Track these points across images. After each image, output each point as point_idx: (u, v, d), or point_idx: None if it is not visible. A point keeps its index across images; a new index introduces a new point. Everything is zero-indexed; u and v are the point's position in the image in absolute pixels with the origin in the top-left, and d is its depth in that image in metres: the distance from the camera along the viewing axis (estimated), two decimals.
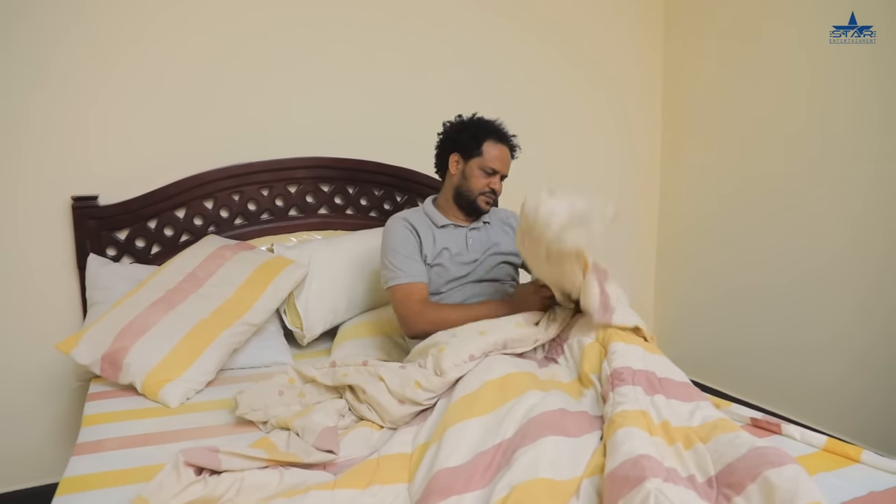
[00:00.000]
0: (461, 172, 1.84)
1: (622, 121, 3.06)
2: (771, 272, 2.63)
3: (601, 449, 1.16)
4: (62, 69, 2.04)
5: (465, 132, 1.83)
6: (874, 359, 2.28)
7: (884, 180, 2.21)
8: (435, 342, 1.54)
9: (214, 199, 2.23)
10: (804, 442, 1.38)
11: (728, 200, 2.83)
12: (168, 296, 1.86)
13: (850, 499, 1.13)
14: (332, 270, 2.13)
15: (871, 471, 1.24)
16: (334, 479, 1.19)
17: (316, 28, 2.36)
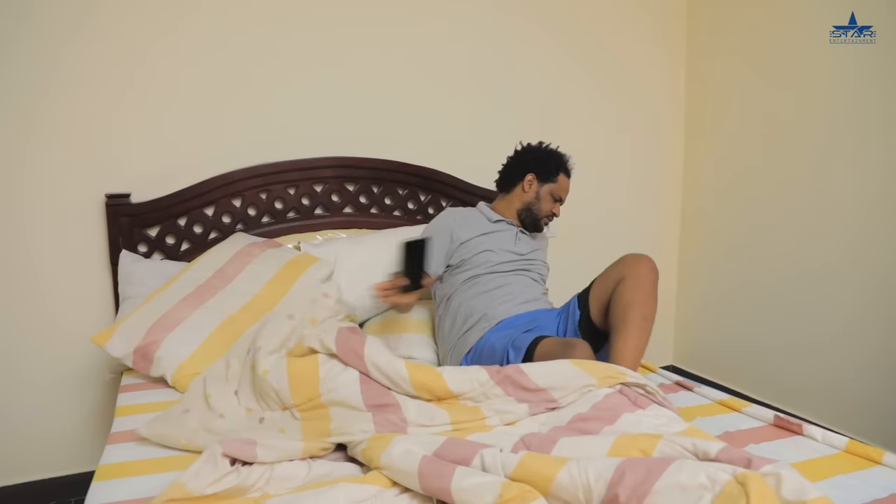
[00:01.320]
0: (535, 192, 2.07)
1: (647, 119, 3.06)
2: (786, 268, 2.63)
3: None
4: (95, 70, 2.10)
5: (548, 160, 2.06)
6: (888, 356, 2.26)
7: (893, 177, 2.21)
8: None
9: (242, 198, 2.28)
10: (825, 443, 1.39)
11: (747, 198, 2.82)
12: (198, 292, 1.91)
13: (870, 500, 1.14)
14: (357, 268, 2.16)
15: (893, 472, 1.25)
16: (362, 473, 1.22)
17: (341, 29, 2.40)
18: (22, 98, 2.02)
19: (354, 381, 1.42)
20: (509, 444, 1.21)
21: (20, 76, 2.02)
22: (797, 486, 0.92)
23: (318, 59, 2.38)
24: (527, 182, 2.07)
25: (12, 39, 2.00)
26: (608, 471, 0.97)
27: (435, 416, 1.35)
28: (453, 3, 2.58)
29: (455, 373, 1.43)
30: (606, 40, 2.92)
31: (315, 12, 2.36)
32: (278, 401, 1.43)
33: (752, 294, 2.83)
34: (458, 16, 2.59)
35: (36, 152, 2.06)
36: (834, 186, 2.45)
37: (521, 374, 1.39)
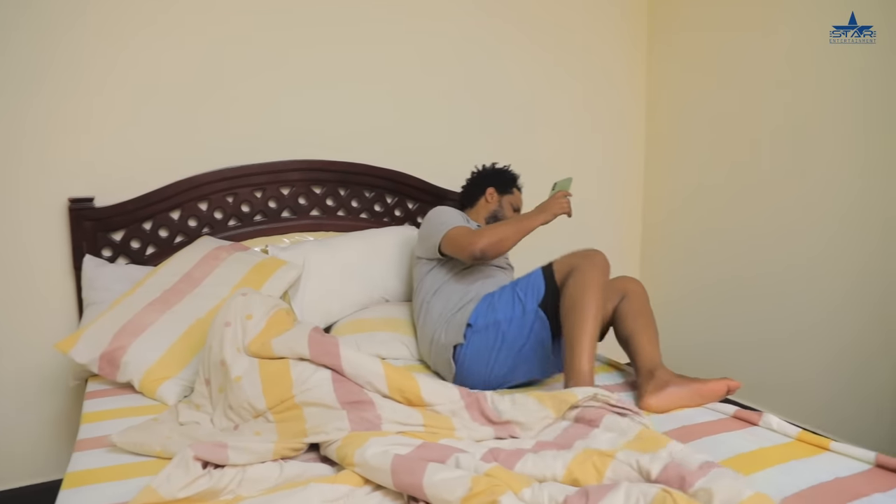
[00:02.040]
0: (497, 202, 2.27)
1: (608, 115, 3.13)
2: (753, 267, 2.71)
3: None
4: (58, 72, 2.07)
5: (505, 175, 2.31)
6: (854, 355, 2.36)
7: (869, 180, 2.28)
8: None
9: (209, 201, 2.28)
10: (780, 432, 1.46)
11: (712, 196, 2.90)
12: (165, 296, 1.90)
13: (816, 483, 1.21)
14: (326, 271, 2.18)
15: (839, 458, 1.33)
16: (334, 472, 1.24)
17: (308, 30, 2.41)
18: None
19: (327, 381, 1.45)
20: (479, 452, 1.25)
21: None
22: (730, 492, 1.00)
23: (286, 62, 2.39)
24: (489, 194, 2.26)
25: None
26: (560, 495, 1.05)
27: (409, 416, 1.38)
28: (422, 7, 2.60)
29: (430, 383, 1.47)
30: (573, 42, 2.98)
31: (284, 14, 2.37)
32: (251, 409, 1.45)
33: (714, 293, 2.92)
34: (428, 19, 2.62)
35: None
36: (796, 188, 2.54)
37: (486, 404, 1.43)
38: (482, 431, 1.36)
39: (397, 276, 2.31)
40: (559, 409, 1.41)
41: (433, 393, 1.43)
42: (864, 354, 2.32)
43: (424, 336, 1.97)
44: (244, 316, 1.61)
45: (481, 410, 1.42)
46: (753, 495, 1.00)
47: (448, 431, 1.34)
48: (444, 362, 1.87)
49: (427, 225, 2.06)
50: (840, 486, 1.21)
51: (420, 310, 2.02)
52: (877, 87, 2.23)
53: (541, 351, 1.79)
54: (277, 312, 1.67)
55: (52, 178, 2.09)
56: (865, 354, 2.31)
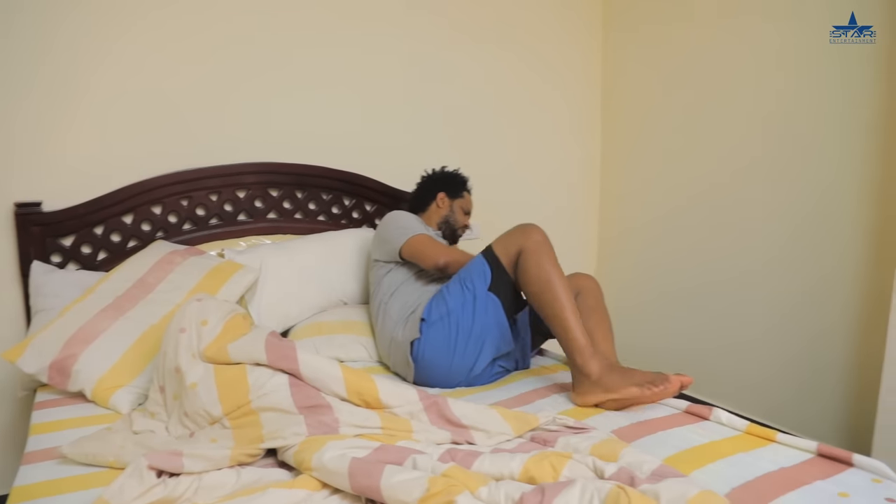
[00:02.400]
0: (449, 206, 2.31)
1: (564, 113, 3.18)
2: (709, 268, 2.79)
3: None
4: (4, 74, 2.01)
5: (455, 180, 2.34)
6: (803, 358, 2.45)
7: (816, 189, 2.37)
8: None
9: (163, 205, 2.23)
10: (729, 426, 1.51)
11: (668, 204, 2.97)
12: (117, 302, 1.86)
13: (762, 473, 1.26)
14: (283, 275, 2.17)
15: (784, 449, 1.38)
16: (292, 477, 1.24)
17: (263, 37, 2.39)
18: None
19: (284, 386, 1.44)
20: (437, 453, 1.25)
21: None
22: (677, 492, 1.03)
23: (239, 64, 2.36)
24: (439, 199, 2.30)
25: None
26: (516, 492, 1.06)
27: (367, 419, 1.38)
28: (375, 10, 2.60)
29: (389, 385, 1.47)
30: (526, 41, 3.02)
31: (238, 17, 2.34)
32: (207, 416, 1.43)
33: (670, 299, 2.99)
34: (382, 22, 2.62)
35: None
36: (747, 193, 2.61)
37: (448, 407, 1.43)
38: (440, 434, 1.37)
39: (356, 278, 2.31)
40: (519, 429, 1.42)
41: (391, 395, 1.43)
42: (815, 354, 2.41)
43: (383, 337, 1.97)
44: (199, 321, 1.59)
45: (440, 413, 1.42)
46: (699, 493, 1.03)
47: (406, 434, 1.34)
48: (403, 360, 1.88)
49: (386, 228, 2.08)
50: (785, 475, 1.26)
51: (378, 311, 2.02)
52: (864, 87, 2.25)
53: (498, 331, 1.81)
54: (234, 317, 1.66)
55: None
56: (816, 354, 2.40)
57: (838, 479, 1.25)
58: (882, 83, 2.14)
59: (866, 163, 2.20)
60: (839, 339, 2.31)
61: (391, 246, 2.03)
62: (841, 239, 2.29)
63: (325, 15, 2.51)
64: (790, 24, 2.40)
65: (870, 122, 2.17)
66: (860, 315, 2.24)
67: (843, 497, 1.19)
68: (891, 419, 1.94)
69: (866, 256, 2.22)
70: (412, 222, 2.07)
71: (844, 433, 2.31)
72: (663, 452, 1.35)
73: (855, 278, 2.25)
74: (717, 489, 1.18)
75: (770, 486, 1.21)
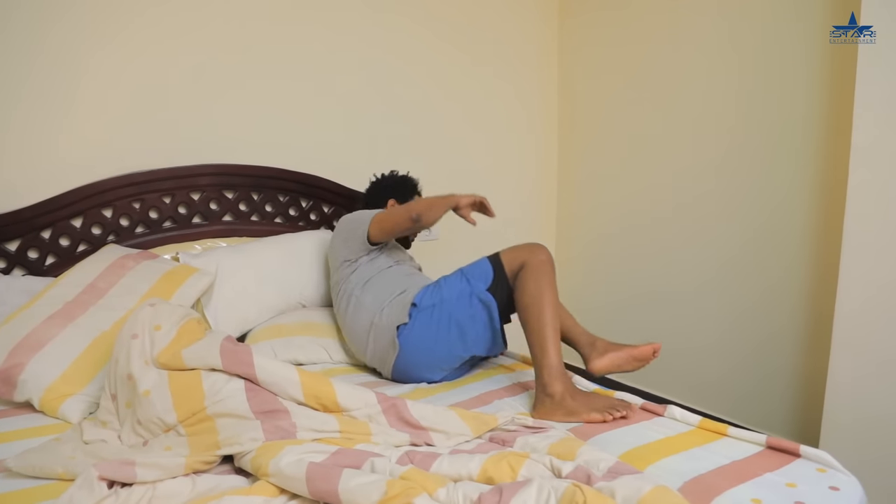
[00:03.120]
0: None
1: (520, 118, 3.21)
2: (669, 277, 2.85)
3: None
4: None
5: (405, 185, 2.32)
6: (757, 357, 2.53)
7: (768, 196, 2.44)
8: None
9: (114, 208, 2.18)
10: (683, 421, 1.55)
11: (625, 204, 3.02)
12: (66, 309, 1.81)
13: (714, 467, 1.30)
14: (240, 278, 2.14)
15: (736, 442, 1.42)
16: (249, 484, 1.22)
17: (216, 32, 2.35)
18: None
19: (240, 391, 1.42)
20: (395, 455, 1.25)
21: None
22: (632, 489, 1.06)
23: (193, 63, 2.31)
24: (389, 205, 2.26)
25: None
26: (474, 492, 1.08)
27: (325, 423, 1.37)
28: (328, 11, 2.58)
29: (346, 388, 1.46)
30: (482, 36, 3.04)
31: (189, 14, 2.29)
32: (161, 424, 1.40)
33: (629, 300, 3.04)
34: (336, 23, 2.60)
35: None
36: (703, 195, 2.68)
37: (406, 409, 1.43)
38: (399, 437, 1.37)
39: (314, 280, 2.29)
40: (478, 430, 1.43)
41: (349, 398, 1.42)
42: (767, 354, 2.49)
43: (357, 327, 1.95)
44: (152, 327, 1.56)
45: (399, 415, 1.42)
46: (653, 489, 1.05)
47: (364, 437, 1.34)
48: (385, 345, 1.86)
49: (344, 227, 2.07)
50: (736, 467, 1.30)
51: (346, 306, 1.99)
52: (813, 97, 2.32)
53: (487, 331, 1.82)
54: (188, 322, 1.63)
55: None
56: (769, 354, 2.48)
57: (786, 470, 1.30)
58: (820, 92, 2.22)
59: (813, 175, 2.29)
60: (788, 340, 2.40)
61: (357, 236, 2.01)
62: (790, 248, 2.38)
63: (280, 16, 2.48)
64: (748, 22, 2.47)
65: (817, 134, 2.26)
66: (808, 318, 2.33)
67: (790, 487, 1.23)
68: (836, 414, 2.02)
69: (813, 263, 2.31)
70: (365, 212, 2.07)
71: (795, 426, 2.40)
72: (619, 449, 1.38)
73: (803, 283, 2.35)
74: (671, 483, 1.21)
75: (721, 479, 1.25)
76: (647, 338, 2.94)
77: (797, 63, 2.31)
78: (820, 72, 2.23)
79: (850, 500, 1.21)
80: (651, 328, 2.93)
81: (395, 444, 1.35)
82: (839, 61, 2.15)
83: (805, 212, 2.33)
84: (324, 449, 1.22)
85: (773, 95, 2.40)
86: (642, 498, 1.04)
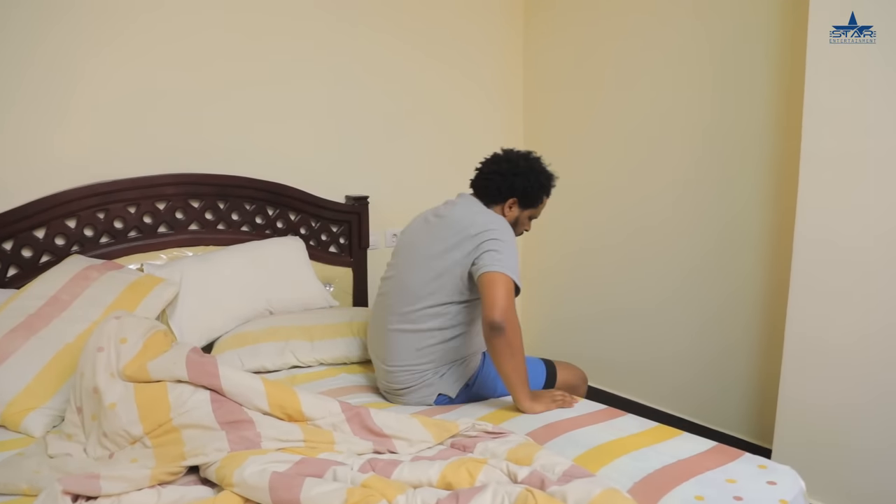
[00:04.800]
0: (515, 216, 1.94)
1: (487, 126, 3.26)
2: (632, 293, 2.94)
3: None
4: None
5: (536, 188, 1.92)
6: (719, 363, 2.63)
7: (725, 211, 2.53)
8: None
9: (78, 218, 2.17)
10: (637, 425, 1.64)
11: (591, 230, 3.09)
12: (28, 321, 1.81)
13: (661, 466, 1.38)
14: (205, 287, 2.15)
15: (683, 442, 1.51)
16: (214, 494, 1.25)
17: (180, 47, 2.35)
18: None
19: (206, 402, 1.45)
20: (357, 463, 1.30)
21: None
22: (582, 493, 1.12)
23: (159, 76, 2.32)
24: (508, 205, 1.93)
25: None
26: (432, 498, 1.13)
27: (289, 433, 1.41)
28: (297, 19, 2.61)
29: (310, 397, 1.50)
30: (451, 44, 3.08)
31: (155, 24, 2.29)
32: (127, 436, 1.42)
33: (597, 312, 3.12)
34: (297, 30, 2.62)
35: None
36: (648, 192, 2.78)
37: (370, 418, 1.48)
38: (362, 445, 1.41)
39: (281, 286, 2.31)
40: (440, 436, 1.48)
41: (314, 407, 1.46)
42: (729, 359, 2.58)
43: (424, 352, 1.81)
44: (118, 340, 1.58)
45: (363, 424, 1.47)
46: (603, 492, 1.11)
47: (328, 445, 1.38)
48: (417, 396, 1.83)
49: (496, 233, 1.76)
50: (682, 466, 1.38)
51: (433, 329, 1.81)
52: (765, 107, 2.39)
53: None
54: (154, 335, 1.65)
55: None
56: (730, 359, 2.58)
57: (728, 467, 1.38)
58: (777, 106, 2.31)
59: (766, 189, 2.38)
60: (745, 348, 2.51)
61: (485, 259, 1.70)
62: (746, 261, 2.48)
63: (244, 24, 2.49)
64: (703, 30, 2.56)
65: (771, 148, 2.35)
66: (762, 327, 2.44)
67: (730, 483, 1.31)
68: (788, 414, 2.13)
69: (768, 275, 2.41)
70: (515, 253, 1.76)
71: (752, 425, 2.50)
72: (575, 452, 1.44)
73: (758, 294, 2.45)
74: (622, 484, 1.28)
75: (668, 478, 1.32)
76: (616, 349, 3.03)
77: (753, 78, 2.38)
78: (778, 86, 2.31)
79: (787, 494, 1.29)
80: (619, 340, 3.02)
81: (359, 451, 1.39)
82: (796, 75, 2.20)
83: (759, 224, 2.42)
84: (287, 458, 1.26)
85: (729, 109, 2.47)
86: (592, 500, 1.09)
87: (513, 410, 1.73)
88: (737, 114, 2.46)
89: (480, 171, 1.96)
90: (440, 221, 1.86)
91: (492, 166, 1.94)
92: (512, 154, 1.96)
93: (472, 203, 1.91)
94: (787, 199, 2.27)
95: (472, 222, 1.78)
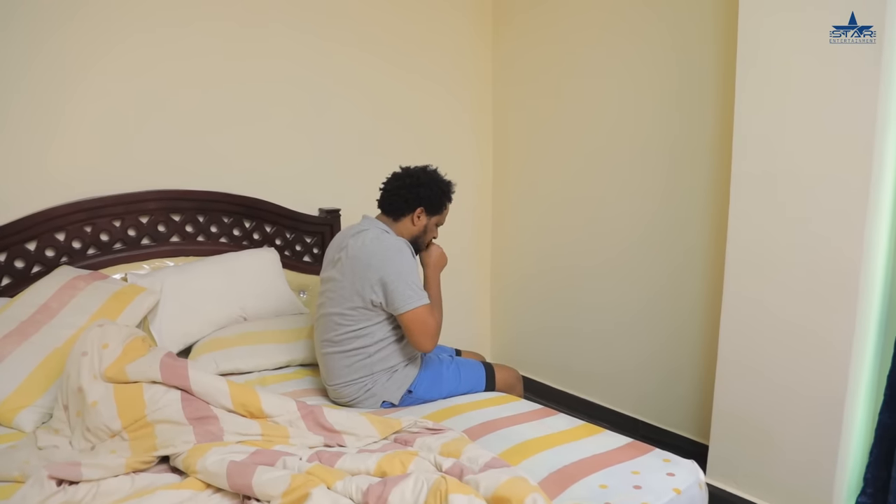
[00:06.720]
0: (423, 225, 2.10)
1: (456, 137, 3.42)
2: (596, 308, 3.11)
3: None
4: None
5: (439, 195, 2.10)
6: (660, 355, 2.82)
7: (673, 224, 2.70)
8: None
9: (66, 232, 2.34)
10: (565, 423, 1.81)
11: (551, 213, 3.26)
12: (21, 328, 1.98)
13: (577, 459, 1.56)
14: (183, 295, 2.32)
15: (604, 438, 1.70)
16: (180, 481, 1.43)
17: (160, 69, 2.51)
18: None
19: (176, 400, 1.63)
20: (306, 454, 1.49)
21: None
22: (492, 480, 1.30)
23: (140, 95, 2.47)
24: (416, 215, 2.08)
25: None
26: (364, 484, 1.32)
27: (249, 427, 1.60)
28: (269, 36, 2.76)
29: (270, 397, 1.69)
30: (422, 57, 3.23)
31: (134, 41, 2.43)
32: (108, 430, 1.60)
33: (558, 328, 3.30)
34: (275, 48, 2.77)
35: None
36: (609, 195, 2.95)
37: (322, 415, 1.67)
38: (314, 439, 1.60)
39: (254, 295, 2.49)
40: (384, 432, 1.67)
41: (272, 405, 1.65)
42: (669, 351, 2.78)
43: (354, 368, 1.99)
44: (100, 346, 1.76)
45: (316, 420, 1.65)
46: (509, 479, 1.30)
47: (283, 439, 1.56)
48: (363, 406, 2.01)
49: (397, 275, 1.92)
50: (595, 459, 1.57)
51: (354, 350, 1.99)
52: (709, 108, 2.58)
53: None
54: (133, 340, 1.83)
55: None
56: (670, 351, 2.77)
57: (637, 461, 1.57)
58: (722, 119, 2.50)
59: (706, 202, 2.57)
60: (687, 340, 2.70)
61: (395, 301, 1.91)
62: (692, 269, 2.66)
63: (222, 47, 2.65)
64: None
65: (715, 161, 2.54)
66: (703, 319, 2.62)
67: (634, 474, 1.50)
68: (724, 407, 2.33)
69: (707, 285, 2.59)
70: (413, 274, 1.95)
71: (693, 419, 2.69)
72: (503, 446, 1.63)
73: (699, 284, 2.63)
74: (537, 474, 1.46)
75: (579, 470, 1.51)
76: (581, 358, 3.22)
77: (703, 91, 2.52)
78: (724, 99, 2.42)
79: (682, 484, 1.48)
80: (584, 350, 3.19)
81: (310, 445, 1.58)
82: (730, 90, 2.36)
83: (702, 237, 2.61)
84: (245, 450, 1.45)
85: (694, 120, 2.59)
86: (499, 486, 1.28)
87: (454, 410, 1.91)
88: (701, 124, 2.55)
89: (386, 189, 2.11)
90: (348, 260, 2.00)
91: (396, 182, 2.10)
92: (411, 170, 2.13)
93: (372, 231, 2.03)
94: (723, 210, 2.39)
95: (368, 264, 1.94)
